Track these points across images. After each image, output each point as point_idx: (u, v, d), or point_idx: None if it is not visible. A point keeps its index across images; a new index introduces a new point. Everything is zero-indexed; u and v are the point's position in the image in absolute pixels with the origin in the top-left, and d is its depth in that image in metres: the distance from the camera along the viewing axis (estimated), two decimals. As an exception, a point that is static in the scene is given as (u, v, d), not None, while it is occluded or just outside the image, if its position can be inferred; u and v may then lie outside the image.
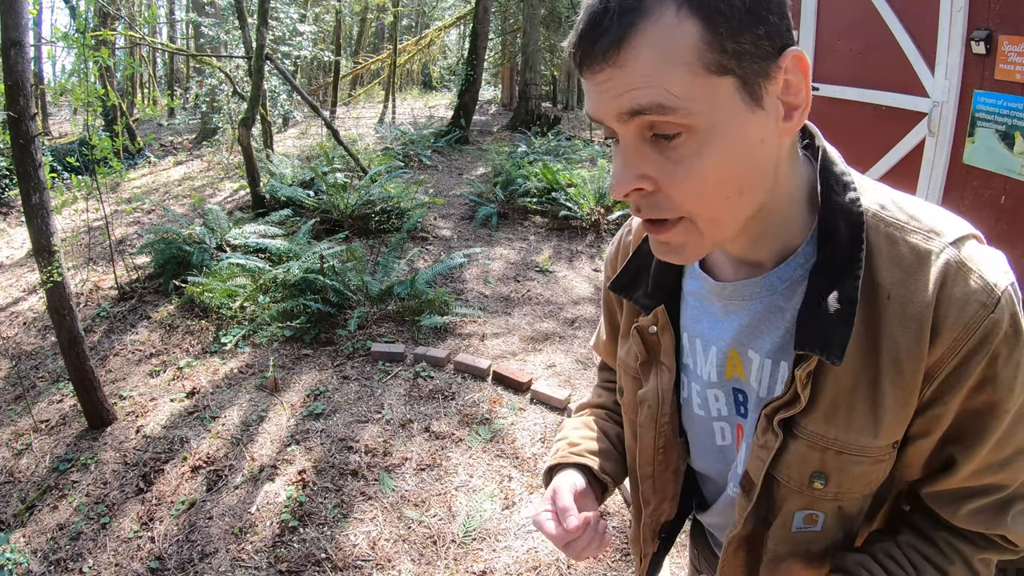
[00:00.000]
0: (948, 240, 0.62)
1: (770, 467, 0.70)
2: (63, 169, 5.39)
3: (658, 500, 0.87)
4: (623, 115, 0.57)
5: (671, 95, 0.54)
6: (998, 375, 0.61)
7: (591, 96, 0.60)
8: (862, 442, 0.65)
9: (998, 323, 0.59)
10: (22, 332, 4.44)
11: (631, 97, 0.55)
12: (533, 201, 6.69)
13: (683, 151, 0.56)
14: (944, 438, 0.66)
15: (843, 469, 0.67)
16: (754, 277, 0.70)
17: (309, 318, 4.14)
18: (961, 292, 0.60)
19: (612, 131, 0.60)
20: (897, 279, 0.62)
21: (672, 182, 0.58)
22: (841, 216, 0.65)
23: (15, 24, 2.73)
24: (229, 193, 7.88)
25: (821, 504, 0.70)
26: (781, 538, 0.73)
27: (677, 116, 0.55)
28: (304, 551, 2.44)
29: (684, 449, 0.84)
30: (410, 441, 3.09)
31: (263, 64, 6.48)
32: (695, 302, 0.77)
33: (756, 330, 0.71)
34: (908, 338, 0.61)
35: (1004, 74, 2.33)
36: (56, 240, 2.97)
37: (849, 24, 3.19)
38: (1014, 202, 2.36)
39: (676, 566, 2.29)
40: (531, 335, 4.24)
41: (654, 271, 0.79)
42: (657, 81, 0.54)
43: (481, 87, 12.61)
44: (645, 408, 0.83)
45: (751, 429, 0.73)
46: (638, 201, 0.60)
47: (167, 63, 18.82)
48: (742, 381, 0.74)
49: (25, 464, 3.03)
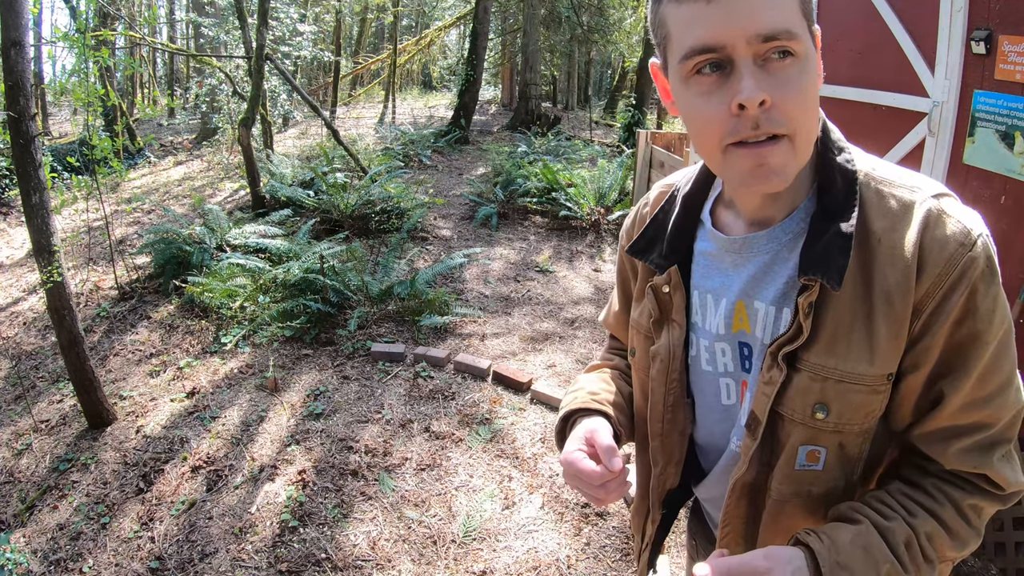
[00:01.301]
0: (929, 193, 0.71)
1: (774, 403, 0.75)
2: (63, 169, 5.39)
3: (665, 460, 0.91)
4: (759, 37, 0.63)
5: (796, 23, 0.65)
6: (978, 306, 0.68)
7: (709, 18, 0.64)
8: (859, 370, 0.71)
9: (975, 260, 0.68)
10: (22, 332, 4.44)
11: (769, 19, 0.63)
12: (533, 201, 6.69)
13: (790, 72, 0.65)
14: (933, 374, 0.72)
15: (842, 397, 0.72)
16: (762, 231, 0.77)
17: (309, 318, 4.14)
18: (942, 234, 0.68)
19: (723, 55, 0.65)
20: (886, 226, 0.71)
21: (785, 97, 0.65)
22: (838, 172, 0.74)
23: (15, 24, 2.73)
24: (229, 193, 7.88)
25: (823, 438, 0.75)
26: (784, 477, 0.77)
27: (796, 43, 0.64)
28: (304, 551, 2.44)
29: (691, 411, 0.89)
30: (410, 441, 3.09)
31: (263, 64, 6.48)
32: (706, 261, 0.84)
33: (762, 280, 0.78)
34: (897, 275, 0.69)
35: (1004, 74, 2.33)
36: (56, 240, 2.97)
37: (849, 24, 3.19)
38: (1014, 202, 2.36)
39: (676, 566, 2.29)
40: (531, 335, 4.24)
41: (669, 235, 0.86)
42: (786, 9, 0.64)
43: (481, 87, 12.62)
44: (657, 362, 0.88)
45: (755, 381, 0.79)
46: (758, 116, 0.65)
47: (167, 63, 18.82)
48: (747, 334, 0.80)
49: (25, 464, 3.03)
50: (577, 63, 18.51)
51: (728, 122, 0.66)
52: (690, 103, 0.69)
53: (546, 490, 2.76)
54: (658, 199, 0.93)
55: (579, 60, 18.43)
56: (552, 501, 2.68)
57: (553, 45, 15.47)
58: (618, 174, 6.58)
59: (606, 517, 2.60)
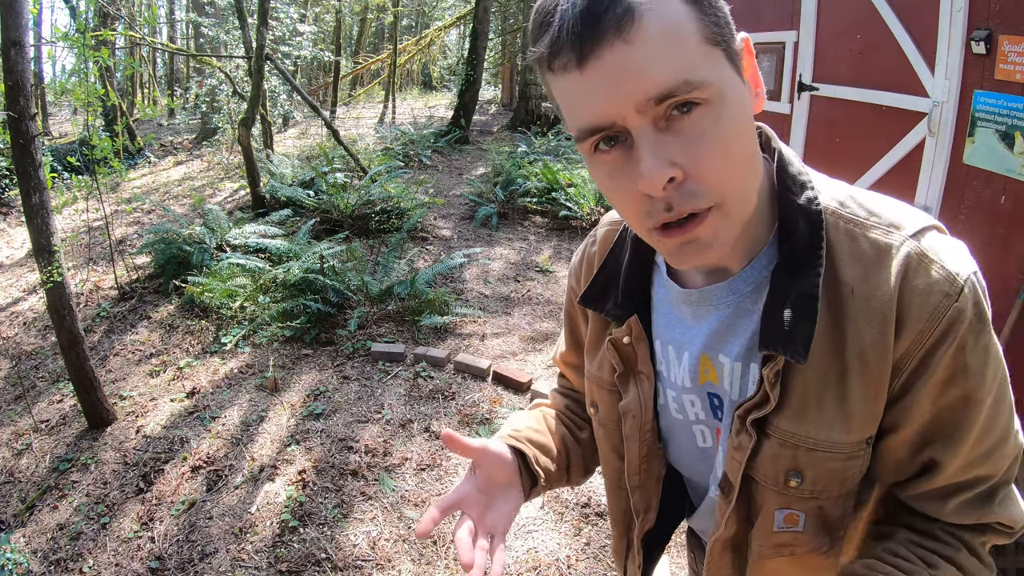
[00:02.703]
0: (908, 233, 0.62)
1: (746, 467, 0.69)
2: (63, 169, 5.39)
3: (644, 508, 0.86)
4: (649, 102, 0.52)
5: (693, 68, 0.52)
6: (968, 364, 0.61)
7: (588, 90, 0.54)
8: (833, 438, 0.64)
9: (962, 312, 0.59)
10: (22, 332, 4.44)
11: (657, 75, 0.52)
12: (533, 201, 6.69)
13: (702, 125, 0.54)
14: (919, 439, 0.65)
15: (816, 465, 0.66)
16: (720, 282, 0.69)
17: (309, 318, 4.14)
18: (924, 283, 0.60)
19: (616, 130, 0.55)
20: (859, 275, 0.62)
21: (700, 160, 0.54)
22: (800, 215, 0.64)
23: (15, 24, 2.74)
24: (229, 193, 7.88)
25: (799, 503, 0.69)
26: (764, 538, 0.73)
27: (700, 90, 0.53)
28: (304, 551, 2.44)
29: (664, 456, 0.84)
30: (410, 441, 3.09)
31: (263, 64, 6.48)
32: (665, 310, 0.77)
33: (725, 335, 0.70)
34: (873, 332, 0.61)
35: (1004, 74, 2.33)
36: (56, 240, 2.97)
37: (849, 24, 3.19)
38: (1014, 202, 2.36)
39: (676, 566, 2.29)
40: (531, 335, 4.24)
41: (623, 281, 0.78)
42: (676, 55, 0.52)
43: (481, 87, 12.62)
44: (630, 419, 0.81)
45: (728, 431, 0.73)
46: (670, 195, 0.55)
47: (167, 63, 18.82)
48: (715, 386, 0.74)
49: (25, 464, 3.03)
50: (577, 63, 18.46)
51: (643, 202, 0.57)
52: (600, 181, 0.60)
53: (546, 490, 2.75)
54: (606, 238, 0.84)
55: (579, 60, 18.38)
56: (552, 501, 2.68)
57: (553, 45, 15.43)
58: (618, 174, 6.58)
59: (606, 517, 2.60)
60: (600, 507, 2.64)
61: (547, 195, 6.67)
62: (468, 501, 0.78)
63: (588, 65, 0.53)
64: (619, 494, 0.89)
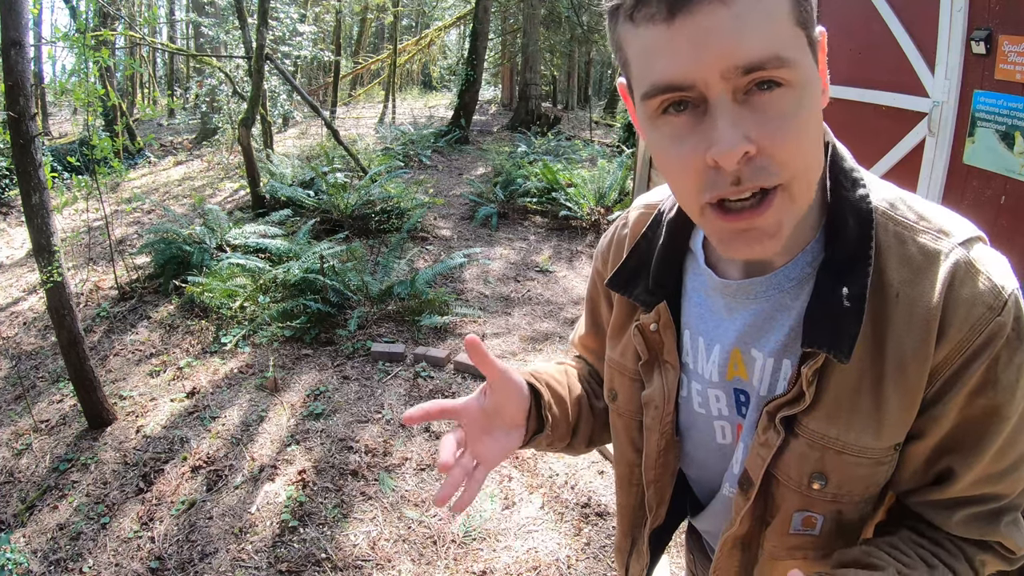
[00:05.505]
0: (957, 241, 0.61)
1: (770, 465, 0.68)
2: (63, 169, 5.39)
3: (657, 503, 0.85)
4: (736, 70, 0.50)
5: (786, 45, 0.50)
6: (999, 378, 0.60)
7: (672, 47, 0.51)
8: (863, 443, 0.64)
9: (1003, 326, 0.59)
10: (22, 332, 4.44)
11: (750, 44, 0.49)
12: (533, 201, 6.69)
13: (782, 106, 0.52)
14: (940, 446, 0.64)
15: (842, 470, 0.65)
16: (760, 276, 0.68)
17: (309, 318, 4.14)
18: (969, 293, 0.59)
19: (693, 93, 0.52)
20: (906, 278, 0.61)
21: (776, 140, 0.52)
22: (851, 213, 0.63)
23: (15, 24, 2.74)
24: (229, 193, 7.88)
25: (819, 506, 0.68)
26: (778, 539, 0.72)
27: (787, 70, 0.50)
28: (304, 551, 2.44)
29: (679, 450, 0.82)
30: (410, 441, 3.09)
31: (263, 64, 6.48)
32: (698, 299, 0.75)
33: (761, 329, 0.69)
34: (914, 339, 0.60)
35: (1004, 74, 2.33)
36: (56, 240, 2.97)
37: (849, 24, 3.19)
38: (1014, 202, 2.36)
39: (676, 566, 2.29)
40: (531, 335, 4.24)
41: (655, 268, 0.76)
42: (771, 28, 0.50)
43: (481, 87, 12.62)
44: (652, 409, 0.79)
45: (750, 428, 0.72)
46: (740, 170, 0.53)
47: (167, 63, 18.82)
48: (744, 381, 0.72)
49: (25, 464, 3.03)
50: (577, 63, 18.51)
51: (705, 174, 0.54)
52: (659, 146, 0.57)
53: (546, 490, 2.76)
54: (639, 221, 0.82)
55: (579, 60, 18.44)
56: (552, 501, 2.68)
57: (553, 45, 15.48)
58: (618, 174, 6.58)
59: (606, 517, 2.60)
60: (600, 507, 2.64)
61: (547, 195, 6.67)
62: (470, 415, 0.75)
63: (678, 19, 0.50)
64: (631, 489, 0.88)
